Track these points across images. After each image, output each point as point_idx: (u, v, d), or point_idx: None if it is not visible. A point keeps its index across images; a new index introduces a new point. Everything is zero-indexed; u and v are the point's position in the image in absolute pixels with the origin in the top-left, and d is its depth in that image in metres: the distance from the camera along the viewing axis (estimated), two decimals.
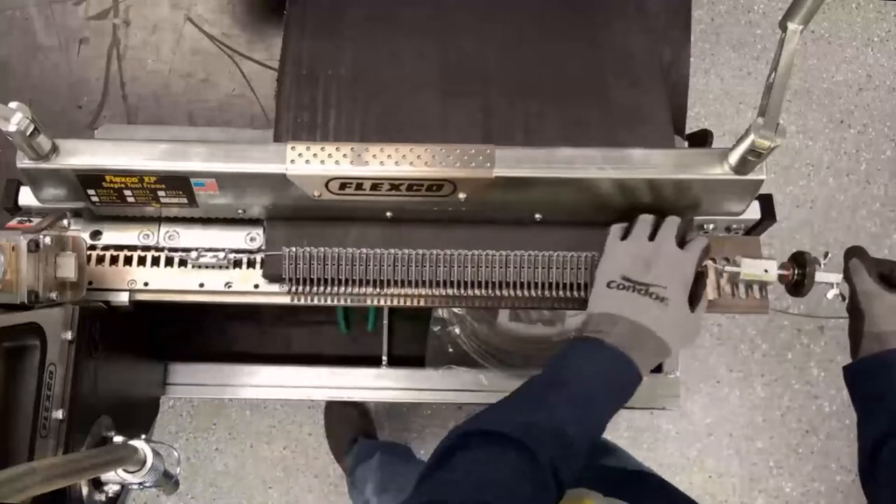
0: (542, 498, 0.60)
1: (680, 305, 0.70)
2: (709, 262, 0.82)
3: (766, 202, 0.83)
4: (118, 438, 0.77)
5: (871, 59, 1.94)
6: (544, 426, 0.62)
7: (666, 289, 0.70)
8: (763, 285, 0.83)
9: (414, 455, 1.57)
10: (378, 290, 0.80)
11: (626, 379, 0.67)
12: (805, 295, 0.80)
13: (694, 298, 0.72)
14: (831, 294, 0.79)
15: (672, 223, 0.75)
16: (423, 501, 0.59)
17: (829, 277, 0.79)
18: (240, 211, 0.80)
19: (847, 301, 0.77)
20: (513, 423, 0.62)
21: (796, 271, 0.80)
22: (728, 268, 0.81)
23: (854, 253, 0.77)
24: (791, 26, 0.62)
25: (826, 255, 0.80)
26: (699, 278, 0.74)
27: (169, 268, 0.82)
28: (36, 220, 0.77)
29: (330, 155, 0.73)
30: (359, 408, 1.76)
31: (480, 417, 0.65)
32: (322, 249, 0.78)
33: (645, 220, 0.75)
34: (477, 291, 0.80)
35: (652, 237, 0.74)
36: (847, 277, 0.77)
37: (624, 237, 0.75)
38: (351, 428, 1.72)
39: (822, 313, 1.81)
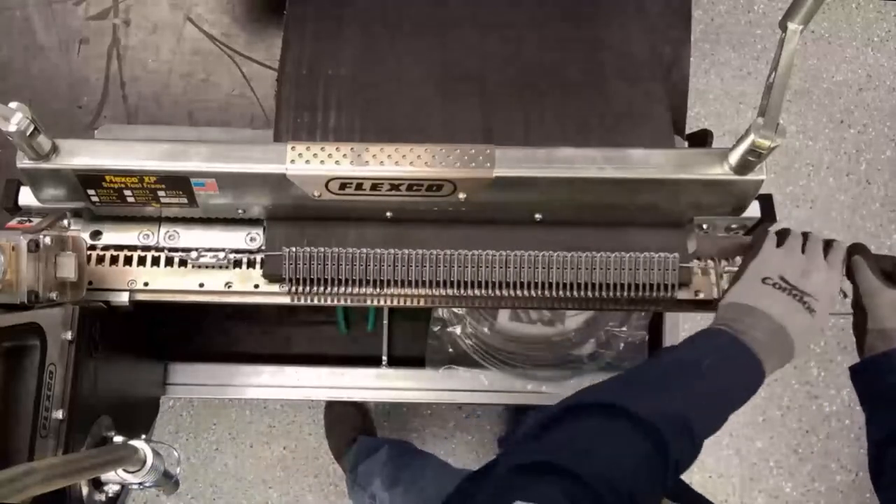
0: (658, 491, 0.58)
1: (823, 318, 0.70)
2: (709, 262, 0.82)
3: (766, 202, 0.83)
4: (118, 438, 0.77)
5: (871, 59, 1.94)
6: (678, 419, 0.60)
7: (818, 301, 0.69)
8: None
9: (419, 450, 1.57)
10: (378, 290, 0.80)
11: (756, 384, 0.66)
12: None
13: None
14: None
15: (818, 240, 0.75)
16: (538, 460, 0.55)
17: None
18: (240, 211, 0.80)
19: (851, 298, 0.77)
20: (644, 405, 0.59)
21: None
22: (728, 268, 0.81)
23: (856, 250, 0.77)
24: (791, 26, 0.62)
25: None
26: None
27: (169, 268, 0.82)
28: (36, 220, 0.77)
29: (330, 155, 0.73)
30: (359, 407, 1.76)
31: (605, 390, 0.63)
32: (322, 249, 0.78)
33: (798, 235, 0.75)
34: (477, 291, 0.80)
35: (802, 251, 0.74)
36: (850, 275, 0.77)
37: (778, 245, 0.74)
38: (351, 427, 1.71)
39: None
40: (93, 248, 0.81)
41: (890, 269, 0.75)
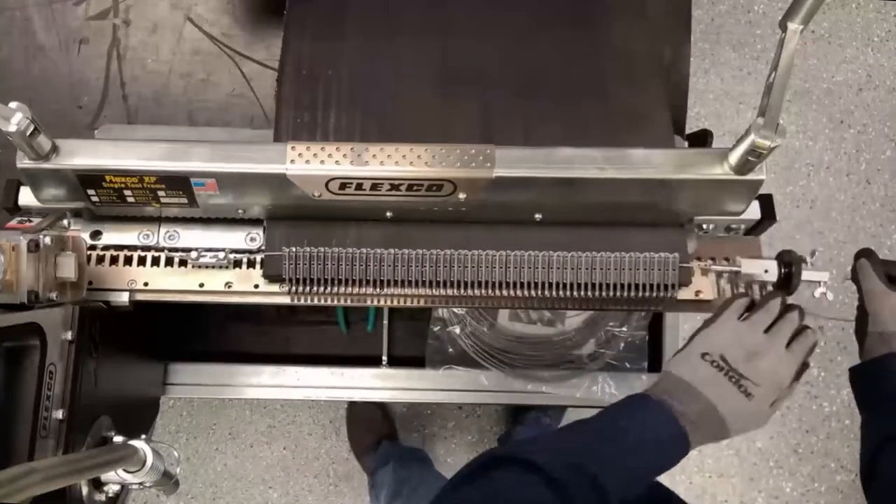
0: None
1: (763, 404, 0.67)
2: (709, 262, 0.82)
3: (766, 202, 0.83)
4: (118, 438, 0.77)
5: (871, 59, 1.94)
6: (587, 477, 0.60)
7: (758, 387, 0.66)
8: (763, 285, 0.83)
9: (430, 463, 1.57)
10: (378, 290, 0.80)
11: (677, 455, 0.65)
12: (792, 293, 0.80)
13: (779, 398, 0.69)
14: (818, 293, 0.79)
15: (791, 321, 0.70)
16: None
17: (816, 276, 0.79)
18: (240, 211, 0.80)
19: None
20: (558, 461, 0.60)
21: (783, 270, 0.80)
22: (728, 268, 0.81)
23: (863, 254, 0.77)
24: (791, 26, 0.62)
25: (813, 253, 0.80)
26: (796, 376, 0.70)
27: (169, 268, 0.82)
28: (36, 220, 0.77)
29: (330, 155, 0.73)
30: (381, 408, 1.76)
31: (524, 445, 0.64)
32: (322, 249, 0.78)
33: (771, 310, 0.70)
34: (477, 291, 0.80)
35: (768, 329, 0.69)
36: (854, 277, 0.77)
37: (741, 316, 0.71)
38: (372, 429, 1.72)
39: (822, 314, 1.81)
40: (93, 248, 0.81)
41: (895, 274, 0.75)
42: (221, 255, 0.81)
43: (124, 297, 0.81)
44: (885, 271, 0.75)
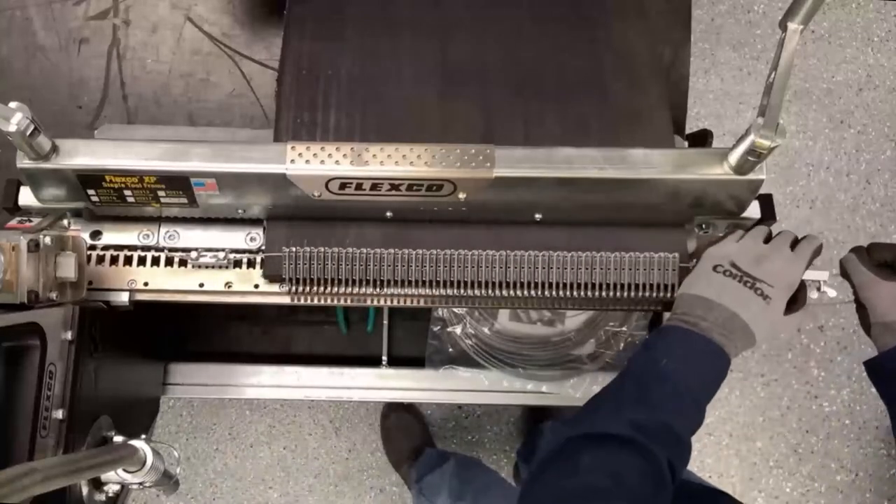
0: (663, 496, 0.59)
1: (780, 306, 0.70)
2: None
3: (766, 202, 0.83)
4: (118, 438, 0.77)
5: (871, 59, 1.94)
6: (654, 424, 0.61)
7: (773, 288, 0.69)
8: None
9: (485, 466, 1.56)
10: (378, 290, 0.80)
11: (721, 368, 0.67)
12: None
13: (795, 301, 0.72)
14: (815, 294, 0.79)
15: (789, 234, 0.75)
16: None
17: (816, 275, 0.79)
18: (240, 211, 0.80)
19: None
20: (621, 422, 0.61)
21: None
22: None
23: (851, 251, 0.77)
24: (791, 26, 0.62)
25: None
26: (802, 285, 0.74)
27: (169, 268, 0.82)
28: (36, 220, 0.77)
29: (330, 155, 0.73)
30: (419, 418, 1.73)
31: (584, 420, 0.64)
32: (322, 249, 0.78)
33: (764, 229, 0.76)
34: (477, 291, 0.80)
35: (767, 240, 0.74)
36: (843, 273, 0.77)
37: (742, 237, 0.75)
38: (411, 436, 1.69)
39: (820, 313, 1.81)
40: (93, 248, 0.81)
41: (882, 260, 0.74)
42: (221, 255, 0.81)
43: (124, 297, 0.81)
44: (873, 259, 0.74)
